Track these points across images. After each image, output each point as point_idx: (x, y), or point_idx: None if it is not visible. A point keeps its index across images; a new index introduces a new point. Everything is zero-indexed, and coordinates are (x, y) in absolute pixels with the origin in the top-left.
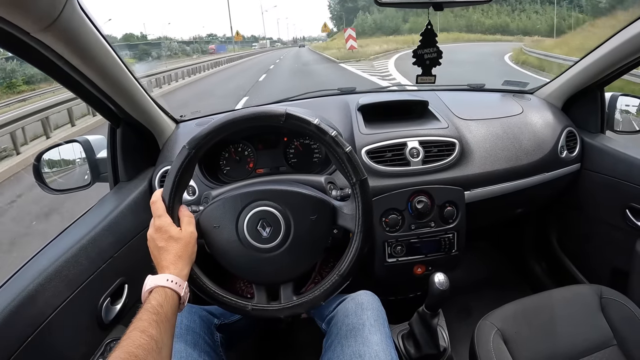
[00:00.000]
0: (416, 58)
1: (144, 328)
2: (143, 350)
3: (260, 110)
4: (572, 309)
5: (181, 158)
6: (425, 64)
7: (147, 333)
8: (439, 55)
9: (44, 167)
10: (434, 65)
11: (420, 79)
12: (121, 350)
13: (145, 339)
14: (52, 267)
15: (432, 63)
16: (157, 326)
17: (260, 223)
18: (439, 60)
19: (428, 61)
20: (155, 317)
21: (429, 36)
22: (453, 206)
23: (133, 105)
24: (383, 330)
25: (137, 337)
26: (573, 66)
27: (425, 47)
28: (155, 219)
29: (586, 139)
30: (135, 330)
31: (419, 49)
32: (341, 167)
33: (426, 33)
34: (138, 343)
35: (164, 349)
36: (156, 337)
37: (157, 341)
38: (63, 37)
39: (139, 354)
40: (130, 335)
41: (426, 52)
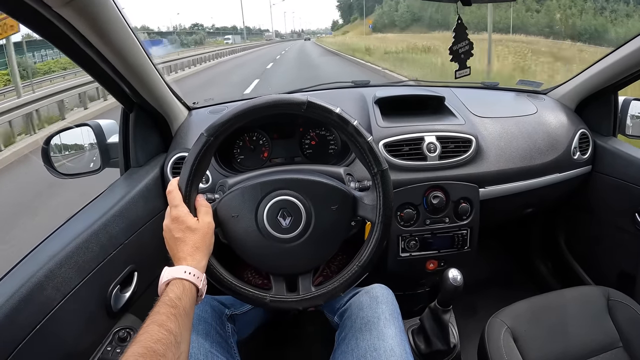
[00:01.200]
0: (452, 55)
1: (162, 322)
2: (162, 345)
3: (282, 98)
4: (579, 309)
5: (199, 145)
6: (461, 58)
7: (166, 327)
8: (471, 47)
9: (53, 151)
10: (468, 58)
11: (458, 74)
12: (139, 345)
13: (164, 333)
14: (63, 253)
15: (466, 56)
16: (175, 320)
17: (281, 213)
18: (471, 52)
19: (462, 55)
20: (174, 310)
21: (461, 30)
22: (467, 203)
23: (148, 90)
24: (397, 325)
25: (155, 332)
26: (588, 68)
27: (459, 42)
28: (171, 209)
29: (598, 141)
30: (153, 324)
31: (454, 44)
32: (362, 156)
33: (458, 28)
34: (157, 337)
35: (182, 343)
36: (175, 331)
37: (176, 335)
38: (84, 13)
39: (157, 348)
40: (148, 329)
41: (460, 47)
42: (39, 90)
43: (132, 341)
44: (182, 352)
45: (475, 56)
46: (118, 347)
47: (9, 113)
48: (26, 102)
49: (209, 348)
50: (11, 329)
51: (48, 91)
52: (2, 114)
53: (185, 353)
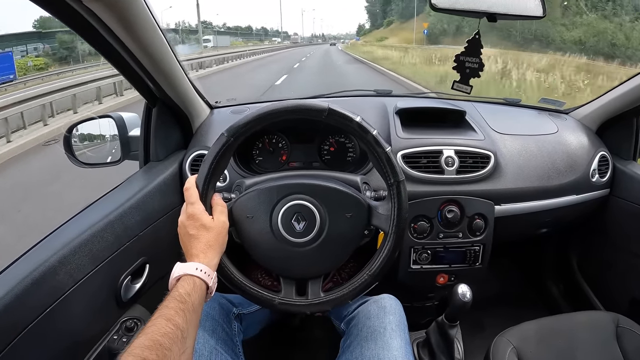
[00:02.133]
0: (457, 63)
1: (170, 316)
2: (168, 339)
3: (303, 104)
4: (587, 334)
5: (219, 145)
6: (465, 72)
7: (173, 322)
8: (480, 67)
9: (75, 139)
10: (474, 76)
11: (457, 86)
12: (146, 337)
13: (171, 327)
14: (78, 240)
15: (472, 73)
16: (183, 315)
17: (295, 217)
18: (479, 72)
19: (468, 70)
20: (182, 305)
21: (475, 45)
22: (482, 219)
23: (172, 86)
24: (403, 336)
25: (162, 325)
26: (612, 90)
27: (469, 56)
28: (187, 206)
29: (618, 165)
30: (161, 317)
31: (462, 55)
32: (380, 166)
33: (472, 41)
34: (163, 331)
35: (188, 338)
36: (182, 326)
37: (183, 330)
38: (113, 8)
39: (164, 342)
40: (156, 323)
41: (468, 60)
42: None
43: (140, 332)
44: (188, 348)
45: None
46: (124, 336)
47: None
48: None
49: (214, 345)
50: (21, 310)
51: (64, 84)
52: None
53: (190, 348)
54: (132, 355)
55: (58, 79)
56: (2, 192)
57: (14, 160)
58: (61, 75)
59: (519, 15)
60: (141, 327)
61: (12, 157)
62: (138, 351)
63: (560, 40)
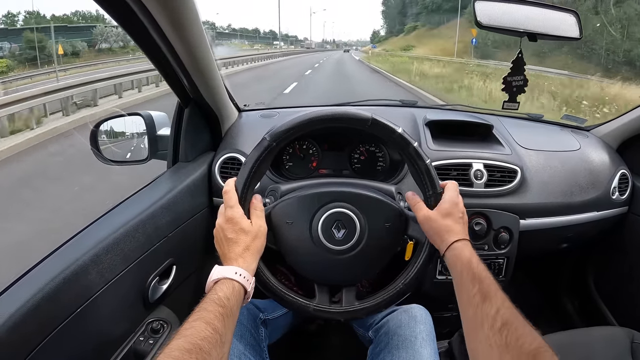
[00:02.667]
0: (505, 85)
1: (209, 320)
2: (208, 343)
3: (348, 112)
4: (603, 350)
5: (260, 149)
6: (513, 90)
7: (212, 325)
8: (525, 83)
9: (101, 136)
10: (520, 93)
11: (507, 105)
12: (185, 340)
13: (210, 331)
14: (110, 239)
15: (518, 90)
16: (222, 319)
17: (336, 224)
18: (524, 88)
19: (515, 88)
20: (222, 309)
21: (519, 64)
22: (507, 232)
23: (207, 87)
24: (433, 346)
25: (202, 329)
26: (634, 109)
27: (515, 75)
28: (226, 209)
29: (637, 183)
30: (200, 320)
31: (509, 76)
32: (419, 178)
33: (517, 61)
34: (203, 335)
35: (226, 344)
36: (221, 330)
37: (222, 335)
38: (167, 7)
39: (203, 346)
40: (195, 325)
41: (515, 80)
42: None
43: (177, 334)
44: (225, 353)
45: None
46: (150, 337)
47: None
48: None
49: (243, 350)
50: (52, 310)
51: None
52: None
53: (227, 354)
54: (171, 357)
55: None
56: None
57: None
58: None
59: (557, 36)
60: (167, 329)
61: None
62: (177, 354)
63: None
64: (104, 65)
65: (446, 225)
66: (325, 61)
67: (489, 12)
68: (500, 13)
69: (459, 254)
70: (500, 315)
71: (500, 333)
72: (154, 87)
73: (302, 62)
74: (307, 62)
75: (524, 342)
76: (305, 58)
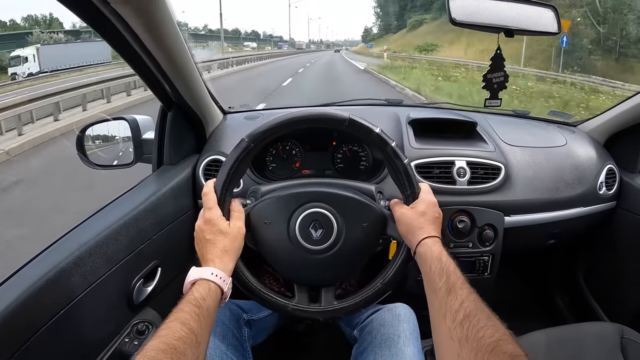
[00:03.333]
0: (485, 82)
1: (184, 320)
2: (183, 343)
3: (325, 113)
4: (592, 345)
5: (238, 151)
6: (494, 87)
7: (188, 326)
8: (505, 79)
9: (87, 140)
10: (501, 89)
11: (488, 102)
12: (160, 341)
13: (186, 331)
14: (92, 242)
15: (499, 87)
16: (198, 319)
17: (313, 224)
18: (505, 84)
19: (496, 85)
20: (197, 310)
21: (498, 61)
22: (492, 229)
23: (189, 90)
24: (416, 345)
25: (177, 329)
26: (620, 104)
27: (494, 72)
28: (205, 211)
29: (625, 178)
30: (176, 321)
31: (488, 73)
32: (397, 178)
33: (495, 57)
34: (178, 335)
35: (202, 343)
36: (196, 330)
37: (197, 335)
38: (140, 11)
39: (178, 346)
40: (170, 326)
41: (495, 76)
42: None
43: (153, 335)
44: (201, 353)
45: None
46: (136, 339)
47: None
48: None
49: (225, 350)
50: (35, 312)
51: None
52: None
53: (203, 354)
54: (147, 357)
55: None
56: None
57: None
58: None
59: (535, 31)
60: (152, 330)
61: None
62: (152, 354)
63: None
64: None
65: (419, 223)
66: (305, 73)
67: (464, 9)
68: (475, 9)
69: (429, 250)
70: (464, 308)
71: (461, 326)
72: (142, 91)
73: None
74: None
75: (484, 334)
76: (283, 63)
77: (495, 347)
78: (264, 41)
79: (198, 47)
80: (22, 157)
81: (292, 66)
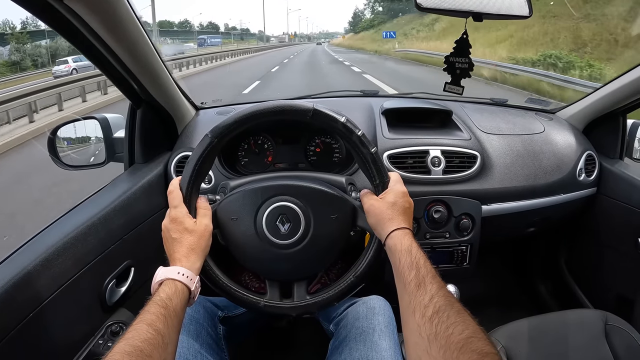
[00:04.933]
0: (447, 65)
1: (151, 321)
2: (149, 345)
3: (288, 104)
4: (576, 332)
5: (202, 147)
6: (456, 72)
7: (154, 327)
8: (470, 67)
9: (59, 141)
10: (464, 77)
11: (449, 87)
12: (126, 343)
13: (152, 333)
14: (60, 243)
15: (462, 73)
16: (164, 320)
17: (280, 218)
18: (469, 72)
19: (459, 70)
20: (164, 310)
21: (463, 45)
22: (469, 218)
23: (156, 87)
24: (392, 337)
25: (143, 331)
26: (599, 90)
27: (458, 56)
28: (171, 209)
29: (604, 164)
30: (142, 322)
31: (451, 56)
32: (365, 167)
33: (460, 42)
34: (144, 337)
35: (170, 344)
36: (163, 331)
37: (164, 336)
38: (95, 8)
39: (144, 348)
40: (137, 328)
41: (458, 61)
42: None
43: (120, 338)
44: (169, 354)
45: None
46: (110, 340)
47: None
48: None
49: (199, 349)
50: (5, 315)
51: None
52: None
53: (172, 354)
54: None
55: None
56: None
57: None
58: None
59: (505, 15)
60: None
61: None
62: (118, 357)
63: None
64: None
65: (389, 214)
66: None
67: None
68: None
69: (398, 242)
70: (433, 304)
71: (430, 322)
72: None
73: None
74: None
75: (453, 331)
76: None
77: (465, 344)
78: (227, 35)
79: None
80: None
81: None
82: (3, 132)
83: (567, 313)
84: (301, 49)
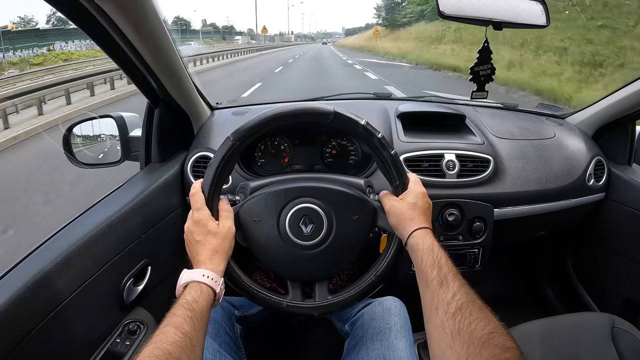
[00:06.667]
0: (472, 75)
1: (178, 324)
2: (177, 348)
3: (309, 107)
4: (584, 335)
5: (224, 149)
6: (480, 80)
7: (182, 330)
8: (492, 71)
9: (74, 139)
10: (488, 82)
11: (475, 95)
12: (154, 347)
13: (180, 336)
14: (81, 242)
15: (486, 79)
16: (191, 323)
17: (303, 220)
18: (492, 76)
19: (483, 77)
20: (190, 313)
21: (485, 53)
22: (482, 222)
23: (176, 87)
24: (408, 337)
25: (171, 334)
26: (609, 96)
27: (481, 64)
28: (193, 212)
29: (613, 169)
30: (169, 326)
31: (476, 66)
32: (385, 169)
33: (483, 50)
34: (172, 340)
35: (197, 346)
36: (190, 334)
37: (192, 338)
38: (125, 8)
39: (172, 351)
40: (164, 331)
41: (482, 69)
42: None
43: (148, 342)
44: (197, 356)
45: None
46: (127, 339)
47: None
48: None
49: (218, 348)
50: (25, 314)
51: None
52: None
53: (199, 357)
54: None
55: None
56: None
57: None
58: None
59: (524, 24)
60: (144, 329)
61: None
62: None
63: None
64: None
65: (410, 214)
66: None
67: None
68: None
69: (420, 241)
70: (456, 300)
71: (453, 318)
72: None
73: None
74: None
75: (476, 327)
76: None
77: (487, 339)
78: (205, 34)
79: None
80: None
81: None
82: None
83: (574, 316)
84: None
